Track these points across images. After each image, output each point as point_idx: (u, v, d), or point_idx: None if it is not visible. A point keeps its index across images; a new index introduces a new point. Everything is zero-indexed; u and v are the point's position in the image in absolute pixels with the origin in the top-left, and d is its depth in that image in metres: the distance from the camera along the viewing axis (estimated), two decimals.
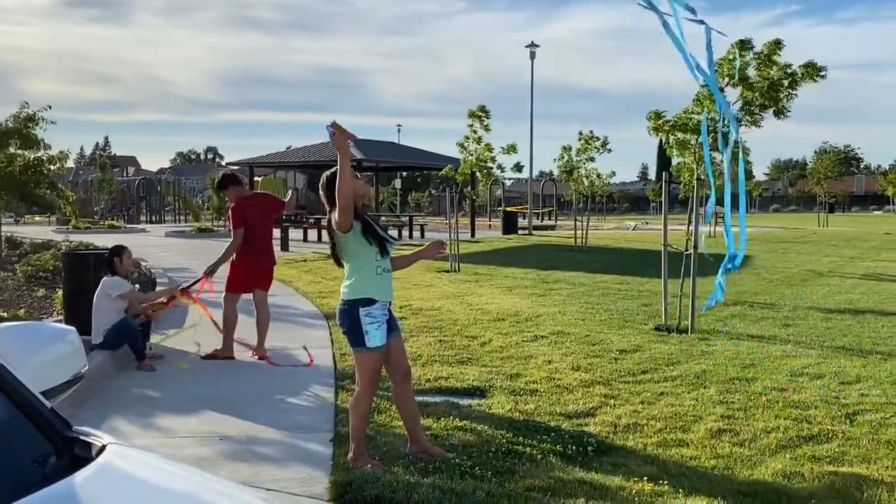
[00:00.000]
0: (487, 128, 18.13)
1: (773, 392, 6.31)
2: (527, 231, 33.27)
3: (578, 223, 22.86)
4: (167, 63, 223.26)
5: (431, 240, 5.40)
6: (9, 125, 15.44)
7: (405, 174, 71.79)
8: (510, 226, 32.26)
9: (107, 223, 36.98)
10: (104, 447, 2.02)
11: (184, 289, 8.08)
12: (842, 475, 4.55)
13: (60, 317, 8.60)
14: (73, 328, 3.18)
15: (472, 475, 4.41)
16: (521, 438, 5.15)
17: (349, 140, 4.38)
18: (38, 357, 2.70)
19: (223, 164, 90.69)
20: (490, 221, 45.23)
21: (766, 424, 5.47)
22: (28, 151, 15.66)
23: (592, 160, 21.76)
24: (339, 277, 4.99)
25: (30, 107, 15.57)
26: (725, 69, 8.78)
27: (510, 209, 37.98)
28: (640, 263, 17.07)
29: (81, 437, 2.05)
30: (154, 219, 49.76)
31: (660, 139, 10.36)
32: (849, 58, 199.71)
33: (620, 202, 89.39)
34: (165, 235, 29.19)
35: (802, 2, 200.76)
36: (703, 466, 4.76)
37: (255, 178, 35.39)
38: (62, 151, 16.49)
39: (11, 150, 15.52)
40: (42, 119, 15.51)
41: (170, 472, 2.17)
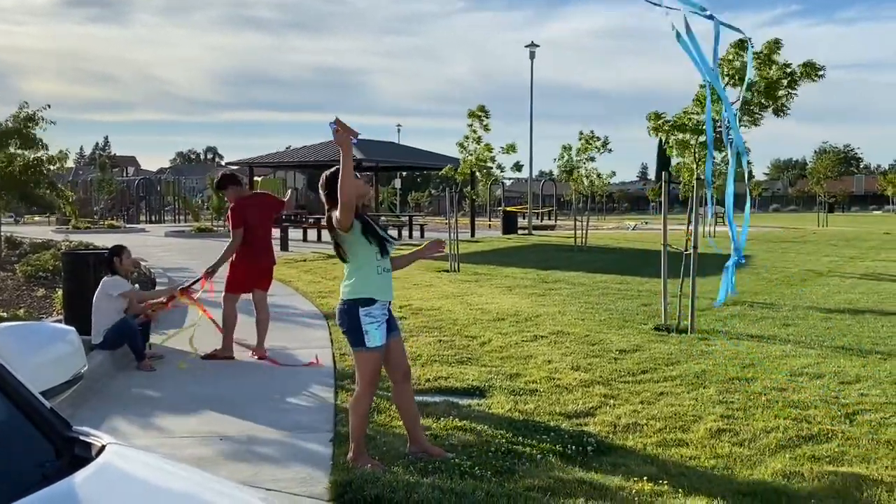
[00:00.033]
0: (487, 127, 18.13)
1: (773, 392, 6.31)
2: (526, 231, 33.28)
3: (578, 223, 22.88)
4: (166, 63, 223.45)
5: (430, 239, 5.40)
6: (8, 125, 15.44)
7: (405, 174, 71.79)
8: (510, 226, 32.27)
9: (106, 223, 37.00)
10: (104, 447, 2.02)
11: (183, 289, 8.08)
12: (841, 475, 4.55)
13: (60, 317, 8.60)
14: (73, 328, 3.17)
15: (472, 475, 4.41)
16: (521, 438, 5.15)
17: (352, 137, 4.37)
18: (38, 357, 2.70)
19: (223, 164, 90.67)
20: (490, 221, 45.23)
21: (766, 424, 5.47)
22: (28, 151, 15.67)
23: (593, 160, 21.80)
24: (339, 277, 4.99)
25: (29, 106, 15.58)
26: (725, 69, 8.78)
27: (510, 209, 37.98)
28: (640, 263, 17.07)
29: (81, 438, 2.05)
30: (154, 219, 49.76)
31: (659, 139, 10.37)
32: (848, 57, 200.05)
33: (620, 202, 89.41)
34: (165, 235, 29.19)
35: (802, 2, 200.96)
36: (703, 466, 4.76)
37: (255, 178, 35.40)
38: (62, 151, 16.51)
39: (11, 150, 15.53)
40: (42, 119, 15.52)
41: (169, 472, 2.17)
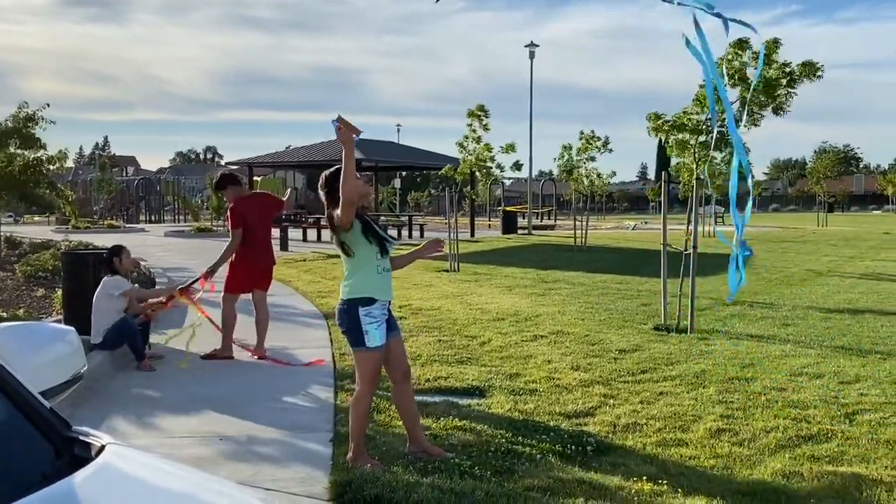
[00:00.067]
0: (486, 127, 18.13)
1: (773, 392, 6.31)
2: (526, 231, 33.28)
3: (578, 223, 22.88)
4: (165, 62, 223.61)
5: (430, 239, 5.40)
6: (8, 125, 15.44)
7: (404, 174, 71.82)
8: (510, 225, 32.27)
9: (106, 223, 37.01)
10: (103, 447, 2.02)
11: (182, 289, 8.07)
12: (841, 475, 4.55)
13: (60, 317, 8.59)
14: (73, 328, 3.17)
15: (472, 475, 4.41)
16: (521, 438, 5.15)
17: (354, 134, 4.38)
18: (38, 357, 2.70)
19: (222, 164, 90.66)
20: (489, 221, 45.23)
21: (766, 424, 5.47)
22: (28, 151, 15.67)
23: (593, 160, 21.80)
24: (339, 277, 4.98)
25: (29, 106, 15.58)
26: (725, 69, 8.77)
27: (510, 209, 37.98)
28: (640, 263, 17.08)
29: (80, 438, 2.05)
30: (153, 218, 49.77)
31: (659, 139, 10.37)
32: (848, 57, 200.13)
33: (620, 202, 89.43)
34: (165, 235, 29.20)
35: (802, 1, 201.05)
36: (703, 466, 4.76)
37: (255, 178, 35.39)
38: (61, 151, 16.52)
39: (11, 150, 15.53)
40: (41, 119, 15.52)
41: (169, 472, 2.17)
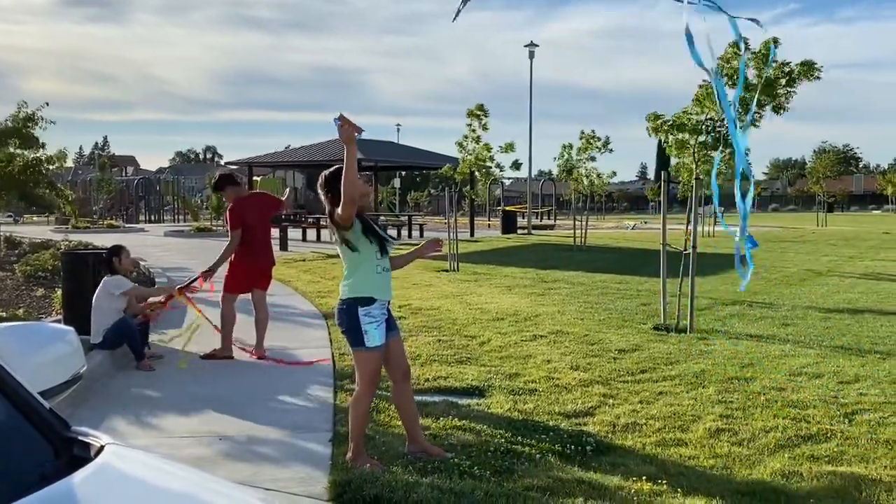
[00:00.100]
0: (485, 127, 18.14)
1: (772, 391, 6.32)
2: (526, 230, 33.29)
3: (577, 222, 22.88)
4: (165, 62, 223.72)
5: (429, 238, 5.40)
6: (8, 125, 15.44)
7: (404, 174, 71.81)
8: (509, 225, 32.28)
9: (106, 223, 37.01)
10: (102, 447, 2.02)
11: (181, 288, 8.06)
12: (840, 475, 4.55)
13: (59, 316, 8.59)
14: (72, 328, 3.17)
15: (471, 475, 4.41)
16: (520, 438, 5.15)
17: (356, 133, 4.38)
18: (37, 357, 2.70)
19: (222, 164, 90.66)
20: (489, 221, 45.24)
21: (765, 424, 5.47)
22: (27, 151, 15.68)
23: (593, 160, 21.78)
24: (338, 277, 4.98)
25: (28, 106, 15.58)
26: (724, 69, 8.77)
27: (509, 208, 37.99)
28: (639, 263, 17.08)
29: (80, 438, 2.05)
30: (153, 218, 49.77)
31: (659, 139, 10.36)
32: (848, 57, 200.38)
33: (619, 201, 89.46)
34: (164, 235, 29.20)
35: (802, 1, 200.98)
36: (702, 466, 4.76)
37: (255, 178, 35.41)
38: (61, 151, 16.52)
39: (11, 150, 15.53)
40: (41, 118, 15.52)
41: (168, 473, 2.17)
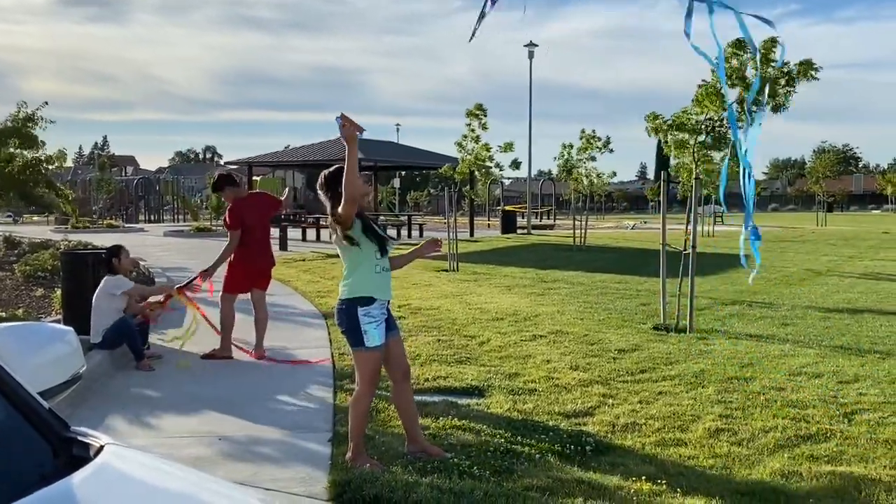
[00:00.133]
0: (485, 126, 18.13)
1: (772, 391, 6.32)
2: (525, 230, 33.29)
3: (577, 222, 22.88)
4: (165, 62, 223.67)
5: (428, 238, 5.40)
6: (7, 125, 15.45)
7: (404, 173, 71.80)
8: (509, 225, 32.28)
9: (105, 222, 37.00)
10: (102, 448, 2.02)
11: (180, 287, 8.06)
12: (840, 474, 4.55)
13: (59, 316, 8.59)
14: (72, 328, 3.17)
15: (471, 475, 4.41)
16: (520, 438, 5.15)
17: (357, 132, 4.38)
18: (37, 357, 2.70)
19: (222, 164, 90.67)
20: (489, 221, 45.22)
21: (765, 424, 5.47)
22: (27, 151, 15.68)
23: (594, 160, 21.77)
24: (338, 277, 4.98)
25: (28, 106, 15.58)
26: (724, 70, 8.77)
27: (509, 208, 38.00)
28: (639, 263, 17.07)
29: (79, 438, 2.05)
30: (153, 218, 49.76)
31: (658, 139, 10.37)
32: (847, 57, 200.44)
33: (619, 201, 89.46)
34: (164, 235, 29.18)
35: (802, 1, 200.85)
36: (702, 466, 4.76)
37: (254, 178, 35.40)
38: (61, 150, 16.53)
39: (11, 150, 15.54)
40: (41, 118, 15.52)
41: (168, 473, 2.17)
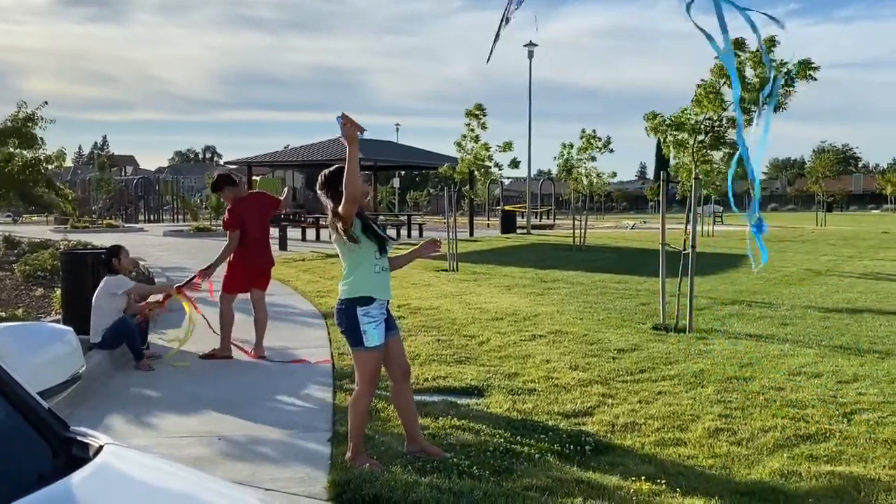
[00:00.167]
0: (484, 126, 18.11)
1: (771, 391, 6.32)
2: (525, 230, 33.29)
3: (577, 222, 22.88)
4: (165, 62, 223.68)
5: (428, 238, 5.40)
6: (7, 125, 15.45)
7: (403, 173, 71.79)
8: (509, 225, 32.28)
9: (105, 222, 36.98)
10: (101, 448, 2.02)
11: (179, 287, 8.05)
12: (839, 474, 4.56)
13: (58, 316, 8.58)
14: (71, 328, 3.18)
15: (470, 474, 4.41)
16: (519, 438, 5.15)
17: (358, 132, 4.38)
18: (36, 357, 2.70)
19: (222, 164, 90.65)
20: (488, 220, 45.20)
21: (764, 423, 5.48)
22: (27, 151, 15.68)
23: (594, 159, 21.76)
24: (337, 276, 4.98)
25: (28, 106, 15.58)
26: (721, 70, 8.77)
27: (509, 208, 38.01)
28: (638, 262, 17.08)
29: (78, 438, 2.05)
30: (152, 218, 49.74)
31: (658, 139, 10.36)
32: (847, 56, 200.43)
33: (619, 201, 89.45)
34: (164, 235, 29.17)
35: (802, 1, 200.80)
36: (701, 466, 4.76)
37: (254, 178, 35.41)
38: (60, 150, 16.53)
39: (10, 150, 15.54)
40: (41, 118, 15.52)
41: (167, 473, 2.17)
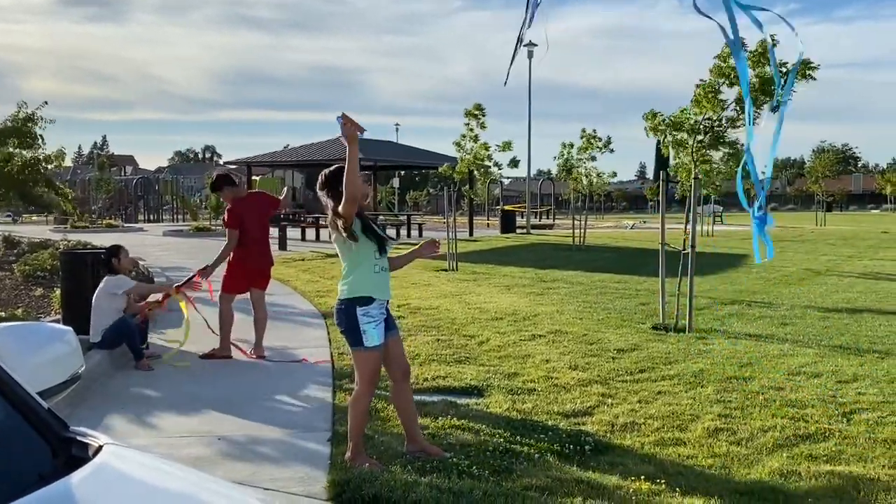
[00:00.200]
0: (483, 126, 18.12)
1: (771, 391, 6.32)
2: (525, 230, 33.29)
3: (576, 222, 22.87)
4: (164, 61, 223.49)
5: (427, 238, 5.40)
6: (7, 125, 15.45)
7: (403, 173, 71.79)
8: (508, 225, 32.29)
9: (105, 222, 36.96)
10: (101, 447, 2.02)
11: (178, 286, 8.05)
12: (838, 474, 4.56)
13: (58, 316, 8.58)
14: (71, 328, 3.18)
15: (470, 474, 4.41)
16: (519, 437, 5.15)
17: (358, 132, 4.39)
18: (36, 357, 2.70)
19: (221, 163, 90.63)
20: (488, 220, 45.19)
21: (764, 423, 5.48)
22: (26, 151, 15.69)
23: (594, 159, 21.76)
24: (337, 276, 4.98)
25: (28, 106, 15.59)
26: (722, 69, 8.78)
27: (508, 208, 38.00)
28: (638, 262, 17.08)
29: (78, 438, 2.05)
30: (152, 218, 49.72)
31: (658, 139, 10.36)
32: (846, 56, 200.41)
33: (618, 201, 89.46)
34: (163, 234, 29.16)
35: (802, 0, 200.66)
36: (701, 465, 4.76)
37: (254, 178, 35.40)
38: (59, 150, 16.53)
39: (10, 150, 15.54)
40: (41, 118, 15.53)
41: (167, 473, 2.17)
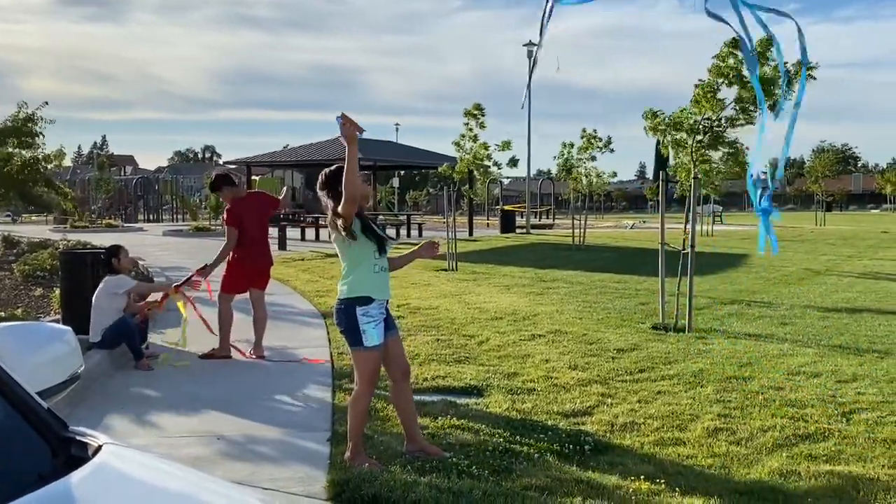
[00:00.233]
0: (483, 125, 18.13)
1: (770, 391, 6.32)
2: (524, 230, 33.30)
3: (576, 222, 22.88)
4: (164, 61, 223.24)
5: (427, 239, 5.41)
6: (7, 125, 15.46)
7: (403, 173, 71.80)
8: (508, 224, 32.30)
9: (104, 222, 36.96)
10: (100, 447, 2.02)
11: (177, 286, 8.04)
12: (838, 474, 4.56)
13: (58, 316, 8.58)
14: (70, 328, 3.18)
15: (469, 474, 4.42)
16: (518, 437, 5.15)
17: (358, 132, 4.39)
18: (36, 357, 2.70)
19: (221, 163, 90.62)
20: (488, 220, 45.19)
21: (763, 423, 5.48)
22: (26, 151, 15.70)
23: (594, 159, 21.76)
24: (337, 276, 4.98)
25: (28, 106, 15.60)
26: (721, 68, 8.78)
27: (508, 208, 38.00)
28: (638, 262, 17.08)
29: (78, 438, 2.05)
30: (152, 218, 49.73)
31: (657, 139, 10.36)
32: (846, 56, 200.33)
33: (618, 201, 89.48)
34: (163, 234, 29.17)
35: (802, 0, 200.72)
36: (700, 465, 4.76)
37: (253, 178, 35.38)
38: (59, 149, 16.54)
39: (9, 150, 15.55)
40: (41, 118, 15.53)
41: (166, 472, 2.17)
